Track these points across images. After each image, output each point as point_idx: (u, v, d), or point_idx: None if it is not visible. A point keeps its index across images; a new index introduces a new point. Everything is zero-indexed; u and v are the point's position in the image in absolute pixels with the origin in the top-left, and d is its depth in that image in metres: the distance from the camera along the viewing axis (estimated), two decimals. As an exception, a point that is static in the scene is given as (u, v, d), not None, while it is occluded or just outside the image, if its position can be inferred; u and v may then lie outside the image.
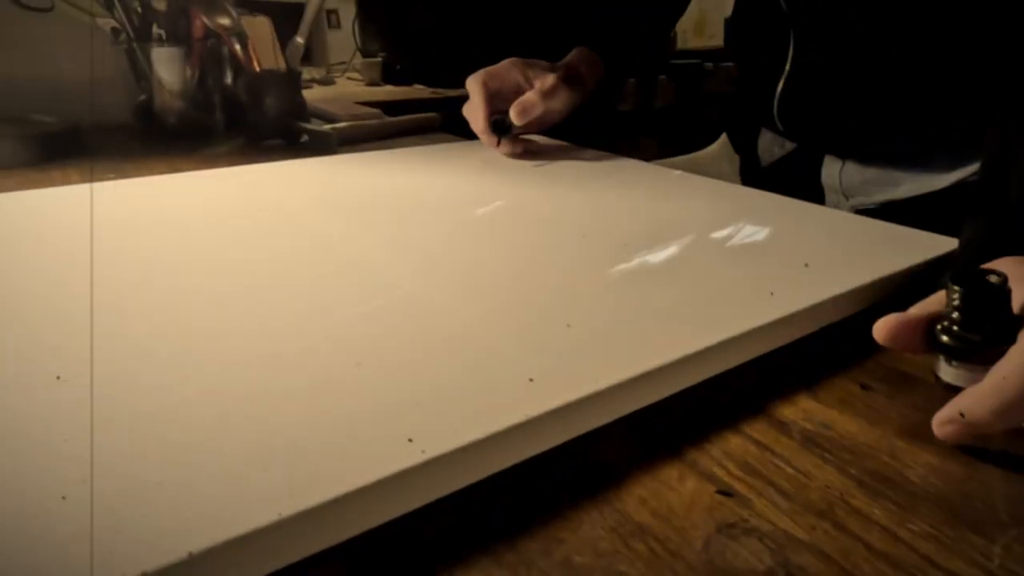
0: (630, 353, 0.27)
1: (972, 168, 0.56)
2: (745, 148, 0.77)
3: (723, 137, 0.83)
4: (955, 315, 0.25)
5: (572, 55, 0.71)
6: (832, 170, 0.66)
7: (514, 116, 0.61)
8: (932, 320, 0.27)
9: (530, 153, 0.65)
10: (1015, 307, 0.25)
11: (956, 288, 0.25)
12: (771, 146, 0.73)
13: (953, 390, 0.25)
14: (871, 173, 0.63)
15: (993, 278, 0.24)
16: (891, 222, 0.45)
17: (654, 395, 0.27)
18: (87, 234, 0.43)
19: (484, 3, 1.53)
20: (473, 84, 0.65)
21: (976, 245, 0.33)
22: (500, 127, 0.62)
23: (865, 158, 0.63)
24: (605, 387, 0.25)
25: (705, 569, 0.20)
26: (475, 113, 0.64)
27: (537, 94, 0.62)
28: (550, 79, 0.63)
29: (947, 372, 0.26)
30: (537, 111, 0.62)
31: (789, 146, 0.71)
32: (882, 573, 0.20)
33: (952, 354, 0.25)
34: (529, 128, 0.65)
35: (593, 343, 0.28)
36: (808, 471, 0.24)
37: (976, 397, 0.23)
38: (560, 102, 0.64)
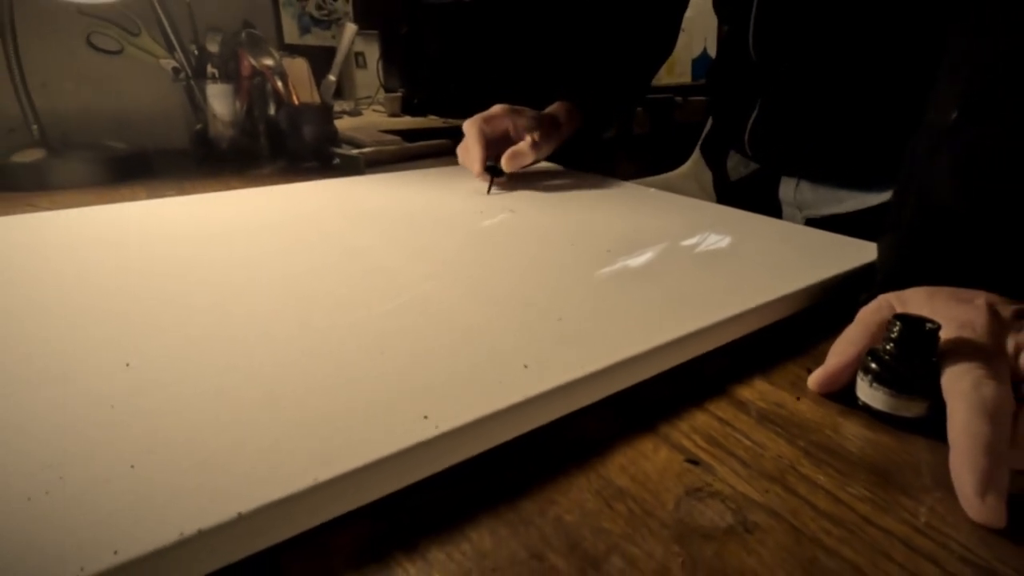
0: (612, 343, 0.27)
1: None
2: (716, 166, 0.78)
3: (691, 159, 0.84)
4: (890, 347, 0.25)
5: (555, 107, 0.70)
6: (788, 188, 0.67)
7: (505, 164, 0.60)
8: (852, 364, 0.27)
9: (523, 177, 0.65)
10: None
11: (898, 324, 0.25)
12: (738, 166, 0.74)
13: (867, 410, 0.26)
14: (821, 191, 0.64)
15: (929, 325, 0.25)
16: (837, 231, 0.45)
17: (632, 378, 0.27)
18: (153, 242, 0.43)
19: (487, 48, 1.53)
20: (470, 129, 0.63)
21: (888, 272, 0.33)
22: (493, 171, 0.61)
23: (817, 179, 0.64)
24: (591, 372, 0.25)
25: (676, 526, 0.20)
26: (471, 156, 0.62)
27: (528, 145, 0.62)
28: (537, 133, 0.63)
29: (865, 392, 0.26)
30: (527, 161, 0.62)
31: (753, 166, 0.72)
32: (825, 530, 0.20)
33: (877, 378, 0.25)
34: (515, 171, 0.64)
35: (580, 334, 0.28)
36: (763, 443, 0.24)
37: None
38: (543, 152, 0.65)
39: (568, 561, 0.18)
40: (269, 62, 0.80)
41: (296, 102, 0.82)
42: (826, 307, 0.36)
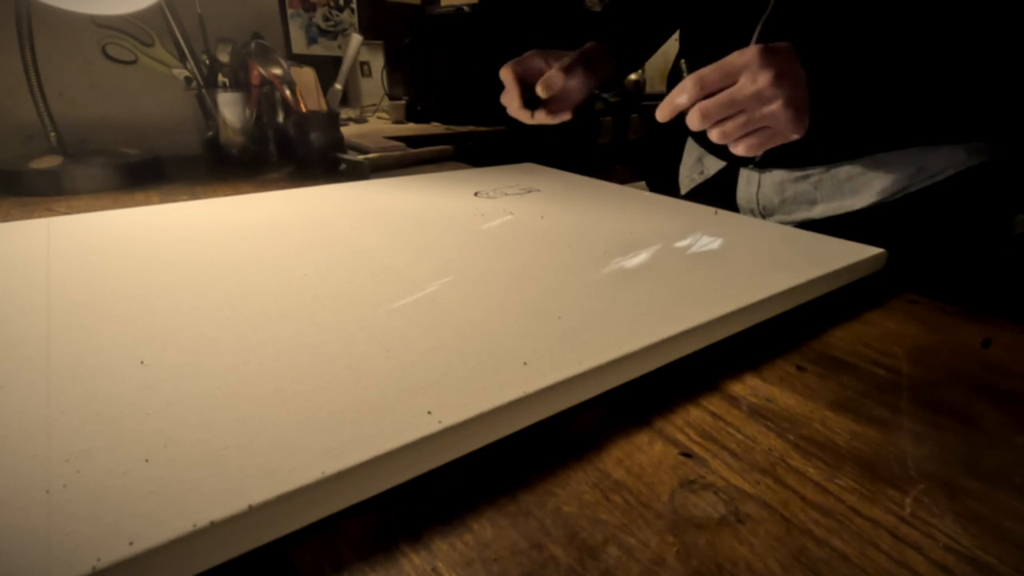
0: (608, 340, 0.27)
1: (887, 192, 0.54)
2: (664, 185, 0.74)
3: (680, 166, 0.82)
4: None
5: (586, 46, 0.66)
6: (749, 191, 0.62)
7: (539, 90, 0.59)
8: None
9: (560, 113, 0.63)
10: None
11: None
12: (691, 173, 0.70)
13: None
14: (790, 192, 0.59)
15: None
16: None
17: (628, 375, 0.27)
18: (166, 245, 0.43)
19: (488, 57, 1.53)
20: (504, 73, 0.62)
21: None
22: (531, 103, 0.61)
23: (790, 168, 0.58)
24: (588, 368, 0.25)
25: (670, 517, 0.20)
26: (509, 95, 0.61)
27: (558, 70, 0.59)
28: (567, 58, 0.60)
29: None
30: (559, 84, 0.59)
31: (708, 172, 0.67)
32: (815, 520, 0.20)
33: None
34: (558, 107, 0.62)
35: (578, 333, 0.28)
36: (754, 437, 0.24)
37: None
38: (578, 80, 0.61)
39: (566, 551, 0.18)
40: (278, 71, 0.80)
41: (304, 110, 0.82)
42: (814, 305, 0.36)
